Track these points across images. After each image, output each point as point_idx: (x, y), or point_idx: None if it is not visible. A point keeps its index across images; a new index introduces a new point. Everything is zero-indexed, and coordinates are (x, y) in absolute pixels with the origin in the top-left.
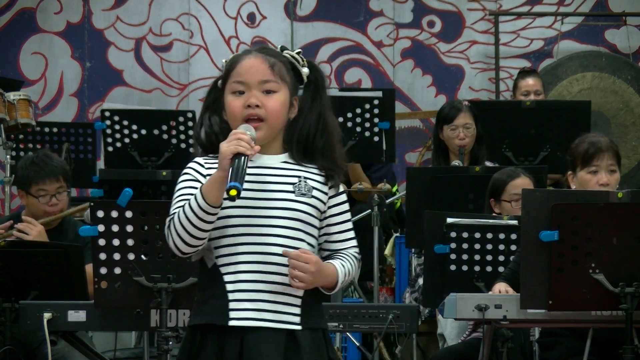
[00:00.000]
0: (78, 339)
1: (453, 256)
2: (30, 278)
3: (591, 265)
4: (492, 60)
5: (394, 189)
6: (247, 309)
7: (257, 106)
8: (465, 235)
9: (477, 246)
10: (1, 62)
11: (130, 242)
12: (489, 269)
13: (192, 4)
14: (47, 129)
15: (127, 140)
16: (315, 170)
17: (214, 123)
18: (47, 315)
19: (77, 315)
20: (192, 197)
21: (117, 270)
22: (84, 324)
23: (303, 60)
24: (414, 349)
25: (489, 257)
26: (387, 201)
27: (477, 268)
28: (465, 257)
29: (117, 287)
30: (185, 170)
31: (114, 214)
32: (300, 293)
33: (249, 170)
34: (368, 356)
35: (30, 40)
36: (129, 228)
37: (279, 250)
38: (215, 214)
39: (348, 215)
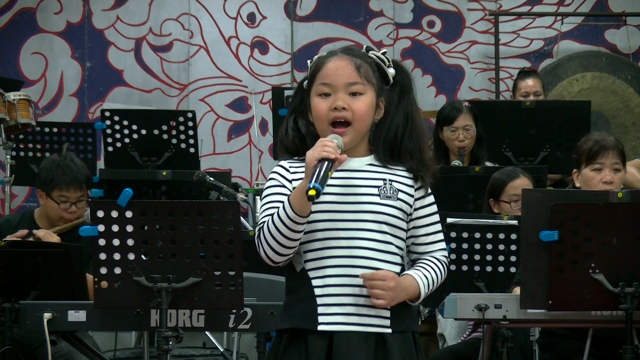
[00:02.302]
0: (78, 339)
1: (453, 256)
2: (30, 278)
3: (591, 265)
4: (492, 60)
5: None
6: (335, 314)
7: (344, 109)
8: (465, 235)
9: (477, 246)
10: (1, 62)
11: (130, 242)
12: (489, 269)
13: (192, 4)
14: (47, 129)
15: (127, 140)
16: (403, 172)
17: (300, 125)
18: (47, 315)
19: (77, 315)
20: (280, 207)
21: (117, 270)
22: (84, 324)
23: (389, 61)
24: None
25: (489, 257)
26: None
27: (477, 268)
28: (465, 257)
29: (117, 287)
30: (271, 176)
31: (114, 214)
32: None
33: (335, 174)
34: None
35: (30, 40)
36: (129, 228)
37: (366, 253)
38: (304, 223)
39: (436, 217)
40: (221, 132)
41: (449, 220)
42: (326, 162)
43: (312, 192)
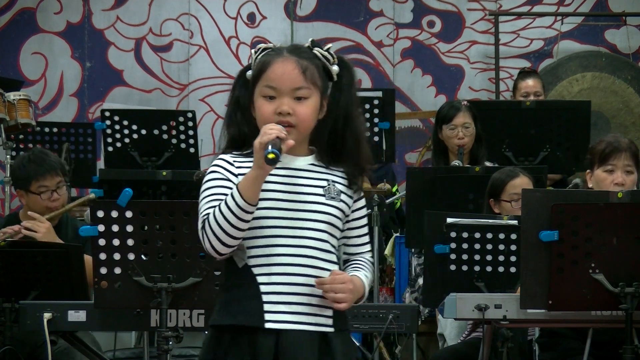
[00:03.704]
0: (78, 338)
1: (453, 256)
2: (30, 278)
3: (591, 265)
4: (492, 60)
5: (394, 189)
6: (282, 312)
7: (289, 114)
8: (465, 235)
9: (477, 246)
10: (1, 62)
11: (130, 242)
12: (489, 269)
13: (192, 4)
14: (47, 129)
15: (127, 140)
16: (341, 174)
17: (247, 119)
18: (47, 315)
19: (77, 315)
20: (227, 196)
21: (117, 270)
22: (84, 324)
23: (334, 58)
24: (414, 349)
25: (489, 257)
26: (387, 201)
27: (477, 268)
28: (465, 257)
29: (117, 287)
30: (213, 169)
31: (114, 214)
32: None
33: (280, 172)
34: (368, 356)
35: (30, 40)
36: (129, 228)
37: (312, 253)
38: (253, 212)
39: (365, 220)
40: None
41: (449, 220)
42: (277, 139)
43: (271, 155)
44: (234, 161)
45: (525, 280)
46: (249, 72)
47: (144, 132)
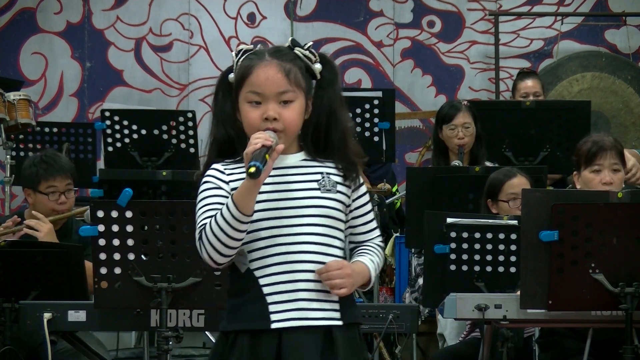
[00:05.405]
0: (78, 338)
1: (453, 256)
2: (30, 278)
3: (591, 265)
4: (492, 60)
5: (394, 189)
6: (287, 310)
7: (275, 119)
8: (465, 235)
9: (477, 246)
10: (1, 62)
11: (130, 242)
12: (489, 269)
13: (192, 4)
14: (47, 129)
15: (127, 140)
16: (334, 166)
17: (233, 123)
18: (47, 315)
19: (77, 315)
20: (223, 207)
21: (117, 270)
22: (84, 324)
23: (316, 56)
24: (414, 349)
25: (489, 257)
26: (387, 201)
27: (477, 268)
28: (465, 257)
29: (117, 287)
30: (205, 179)
31: (114, 214)
32: None
33: (273, 172)
34: (368, 356)
35: (30, 40)
36: (129, 228)
37: (311, 248)
38: (248, 222)
39: (370, 206)
40: None
41: (449, 220)
42: (263, 148)
43: (251, 170)
44: (225, 169)
45: (525, 280)
46: (231, 76)
47: (144, 132)
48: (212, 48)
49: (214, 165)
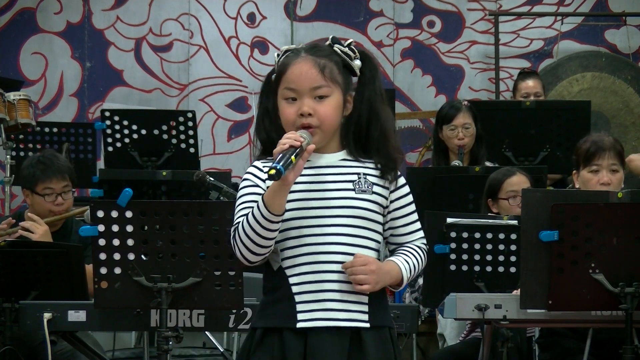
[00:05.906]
0: (78, 338)
1: (453, 256)
2: (30, 278)
3: (591, 265)
4: (492, 60)
5: None
6: (314, 310)
7: (310, 115)
8: (465, 235)
9: (477, 246)
10: (1, 62)
11: (130, 242)
12: (489, 269)
13: (192, 4)
14: (47, 129)
15: (127, 140)
16: (373, 166)
17: (275, 123)
18: (47, 315)
19: (77, 315)
20: (254, 206)
21: (117, 270)
22: (84, 324)
23: (355, 53)
24: (414, 349)
25: (489, 257)
26: None
27: (477, 268)
28: (465, 257)
29: (117, 287)
30: (245, 176)
31: (114, 214)
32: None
33: (306, 172)
34: None
35: (30, 40)
36: (129, 228)
37: (341, 249)
38: (279, 222)
39: (412, 207)
40: (221, 132)
41: (449, 220)
42: (291, 149)
43: (271, 172)
44: (264, 166)
45: (525, 280)
46: (274, 76)
47: (144, 132)
48: (212, 48)
49: (255, 163)
